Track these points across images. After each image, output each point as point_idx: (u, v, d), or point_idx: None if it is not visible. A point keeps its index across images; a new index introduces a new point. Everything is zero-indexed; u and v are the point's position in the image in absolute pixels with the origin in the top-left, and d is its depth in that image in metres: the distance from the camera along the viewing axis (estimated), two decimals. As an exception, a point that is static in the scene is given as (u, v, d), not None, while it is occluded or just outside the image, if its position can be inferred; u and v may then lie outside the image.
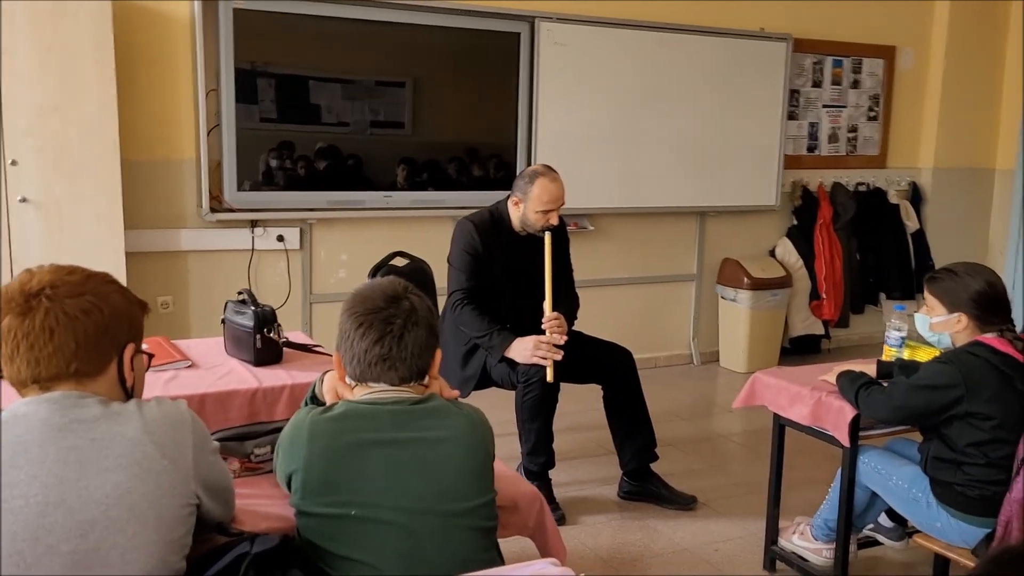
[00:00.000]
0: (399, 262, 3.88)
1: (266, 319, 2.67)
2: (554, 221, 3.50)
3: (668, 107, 5.39)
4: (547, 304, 3.42)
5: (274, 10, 4.38)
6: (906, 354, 3.03)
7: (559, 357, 3.34)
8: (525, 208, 3.50)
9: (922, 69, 6.39)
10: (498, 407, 2.00)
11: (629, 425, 3.65)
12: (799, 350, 6.00)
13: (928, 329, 2.69)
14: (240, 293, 2.79)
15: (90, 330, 1.45)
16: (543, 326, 3.39)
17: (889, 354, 3.06)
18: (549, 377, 3.34)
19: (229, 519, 1.67)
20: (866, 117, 6.25)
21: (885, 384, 2.69)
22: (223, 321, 2.81)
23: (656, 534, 3.42)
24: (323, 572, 1.67)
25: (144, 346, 1.62)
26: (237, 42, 4.29)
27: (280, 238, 4.66)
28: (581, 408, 4.42)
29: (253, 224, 4.58)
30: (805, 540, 3.07)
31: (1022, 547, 0.97)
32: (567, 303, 3.60)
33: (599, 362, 3.64)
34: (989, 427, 2.45)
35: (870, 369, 2.82)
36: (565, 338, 3.39)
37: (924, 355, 2.95)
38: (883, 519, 3.06)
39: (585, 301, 3.79)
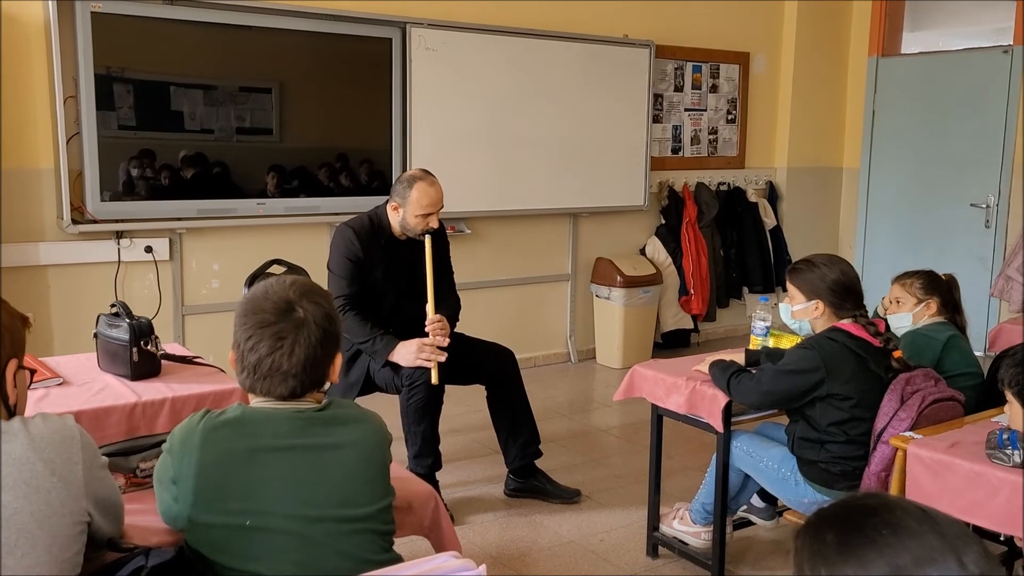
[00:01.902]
0: (276, 270, 3.82)
1: (142, 331, 2.60)
2: (434, 224, 3.53)
3: (539, 111, 5.51)
4: (429, 307, 3.45)
5: (134, 14, 4.24)
6: (771, 342, 3.21)
7: (443, 359, 3.37)
8: (404, 213, 3.52)
9: (774, 74, 6.75)
10: (382, 412, 2.01)
11: (513, 423, 3.71)
12: (670, 344, 6.22)
13: (790, 317, 2.86)
14: (113, 306, 2.70)
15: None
16: (426, 329, 3.42)
17: (756, 343, 3.23)
18: (434, 379, 3.36)
19: (120, 535, 1.63)
20: (725, 120, 6.55)
21: (754, 371, 2.85)
22: (95, 335, 2.71)
23: (542, 528, 3.50)
24: (218, 584, 1.64)
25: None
26: (96, 47, 4.13)
27: (148, 249, 4.50)
28: (465, 409, 4.47)
29: (119, 235, 4.42)
30: (684, 524, 3.20)
31: (829, 507, 1.06)
32: (449, 305, 3.64)
33: (482, 363, 3.69)
34: (848, 407, 2.64)
35: (739, 358, 2.98)
36: (448, 340, 3.42)
37: (788, 342, 3.13)
38: (755, 500, 3.24)
39: (465, 303, 3.83)
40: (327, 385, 1.81)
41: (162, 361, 2.70)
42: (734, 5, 6.40)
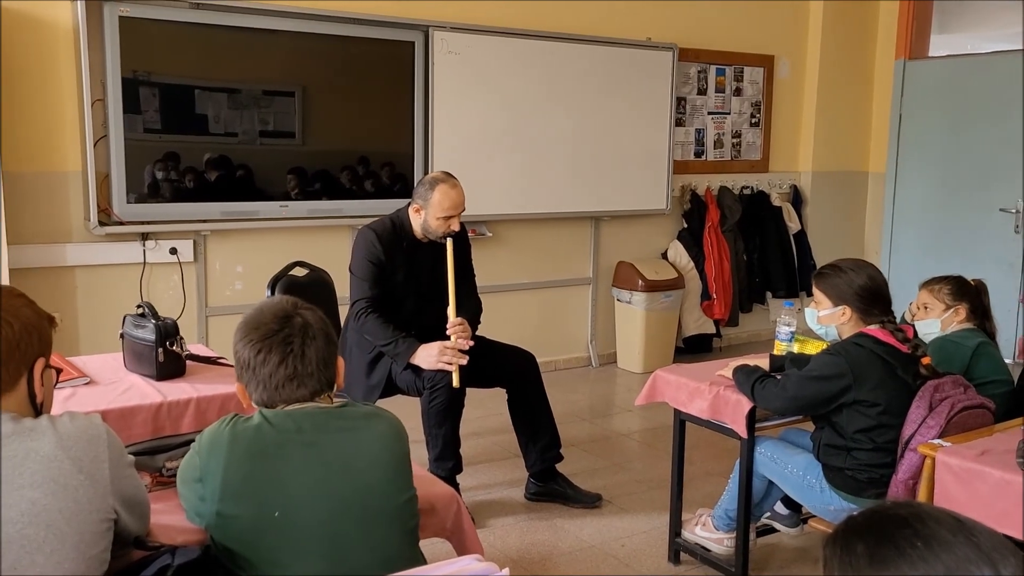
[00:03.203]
0: (299, 272, 3.85)
1: (168, 332, 2.62)
2: (455, 227, 3.53)
3: (561, 115, 5.50)
4: (451, 310, 3.45)
5: (160, 17, 4.27)
6: (796, 348, 3.18)
7: (464, 362, 3.37)
8: (426, 215, 3.52)
9: (798, 77, 6.71)
10: (403, 414, 2.02)
11: (533, 427, 3.70)
12: (692, 349, 6.19)
13: (816, 322, 2.83)
14: (139, 307, 2.72)
15: (1, 345, 1.41)
16: (448, 332, 3.42)
17: (780, 348, 3.21)
18: (455, 382, 3.36)
19: (146, 533, 1.64)
20: (748, 123, 6.52)
21: (778, 377, 2.82)
22: (122, 336, 2.73)
23: (563, 533, 3.48)
24: (245, 579, 1.65)
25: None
26: (123, 50, 4.16)
27: (173, 251, 4.54)
28: (486, 412, 4.46)
29: (144, 237, 4.45)
30: (707, 531, 3.18)
31: (858, 516, 1.05)
32: (471, 308, 3.63)
33: (503, 366, 3.68)
34: (875, 413, 2.61)
35: (763, 363, 2.95)
36: (470, 343, 3.42)
37: (813, 348, 3.11)
38: (779, 507, 3.20)
39: (486, 306, 3.82)
40: (334, 390, 1.84)
41: (187, 361, 2.72)
42: (758, 7, 6.36)
